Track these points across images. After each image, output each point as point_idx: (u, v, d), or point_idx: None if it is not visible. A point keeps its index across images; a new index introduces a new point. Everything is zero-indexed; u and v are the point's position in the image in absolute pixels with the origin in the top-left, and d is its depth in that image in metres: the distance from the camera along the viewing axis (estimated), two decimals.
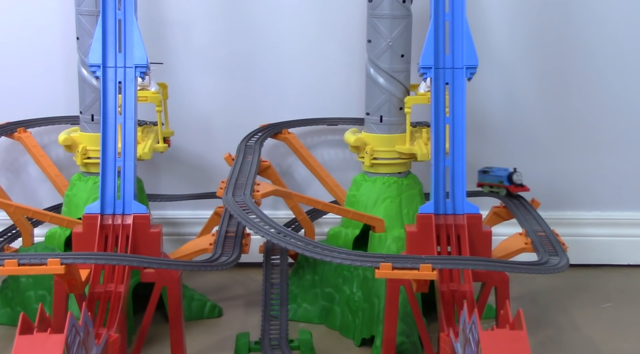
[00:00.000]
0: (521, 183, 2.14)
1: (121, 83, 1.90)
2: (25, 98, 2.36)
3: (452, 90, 1.92)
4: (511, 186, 2.14)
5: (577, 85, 2.41)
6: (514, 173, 2.14)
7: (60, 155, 2.37)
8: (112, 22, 1.91)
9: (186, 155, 2.42)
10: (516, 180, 2.13)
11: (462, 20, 1.91)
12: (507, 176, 2.14)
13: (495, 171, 2.18)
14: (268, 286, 1.99)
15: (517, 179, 2.13)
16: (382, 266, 1.69)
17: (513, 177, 2.13)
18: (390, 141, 2.11)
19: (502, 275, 1.84)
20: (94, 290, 1.76)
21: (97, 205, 1.88)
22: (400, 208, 2.10)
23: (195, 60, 2.36)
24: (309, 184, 2.43)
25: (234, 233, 2.00)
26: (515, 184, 2.13)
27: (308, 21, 2.36)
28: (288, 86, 2.39)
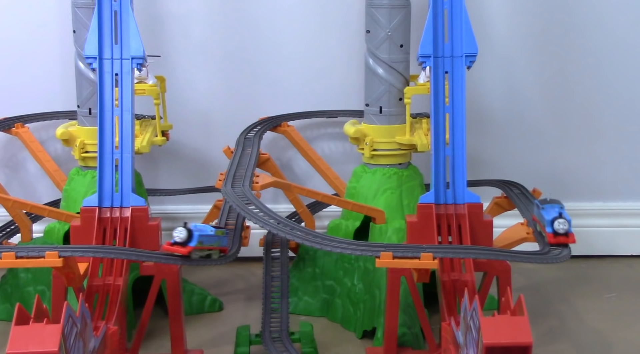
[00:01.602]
0: (565, 232, 1.72)
1: (118, 75, 1.89)
2: (22, 93, 2.35)
3: (451, 79, 1.91)
4: (550, 235, 1.73)
5: (578, 76, 2.40)
6: (558, 218, 1.72)
7: (59, 150, 2.36)
8: (108, 13, 1.90)
9: (185, 149, 2.41)
10: (558, 228, 1.72)
11: (461, 8, 1.90)
12: (551, 221, 1.73)
13: (547, 208, 1.79)
14: (268, 279, 1.98)
15: (559, 227, 1.72)
16: (382, 255, 1.68)
17: (554, 225, 1.72)
18: (390, 132, 2.10)
19: (503, 264, 1.82)
20: (93, 283, 1.75)
21: (95, 198, 1.87)
22: (400, 199, 2.09)
23: (193, 54, 2.35)
24: (309, 177, 2.42)
25: (233, 226, 1.99)
26: (556, 233, 1.73)
27: (306, 13, 2.35)
28: (287, 79, 2.38)
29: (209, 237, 1.74)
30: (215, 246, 1.77)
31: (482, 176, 2.35)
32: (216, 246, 1.77)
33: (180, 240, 1.71)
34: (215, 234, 1.77)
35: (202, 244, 1.73)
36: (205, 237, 1.73)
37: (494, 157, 2.42)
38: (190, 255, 1.72)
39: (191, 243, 1.71)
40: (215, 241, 1.77)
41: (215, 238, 1.76)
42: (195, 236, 1.71)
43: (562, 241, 1.73)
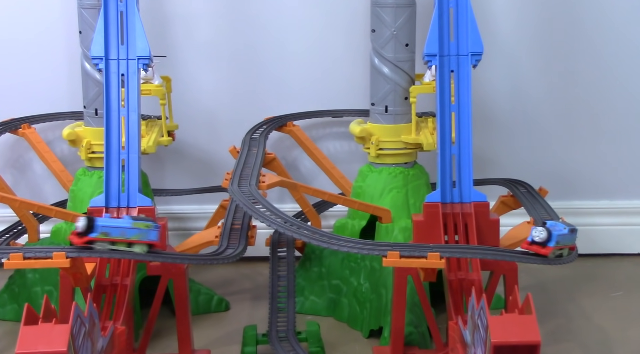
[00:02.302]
0: (542, 242, 1.67)
1: (124, 75, 1.89)
2: (28, 94, 2.35)
3: (457, 77, 1.91)
4: (527, 241, 1.71)
5: (584, 74, 2.39)
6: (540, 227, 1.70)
7: (65, 151, 2.36)
8: (114, 14, 1.90)
9: (191, 149, 2.41)
10: (534, 235, 1.69)
11: (467, 6, 1.90)
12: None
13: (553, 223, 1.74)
14: (275, 279, 1.99)
15: (535, 235, 1.69)
16: (389, 254, 1.68)
17: (532, 231, 1.70)
18: (395, 131, 2.10)
19: (510, 263, 1.82)
20: (100, 283, 1.76)
21: (101, 198, 1.88)
22: (406, 198, 2.09)
23: (199, 54, 2.36)
24: (314, 176, 2.42)
25: (239, 225, 1.99)
26: (532, 241, 1.69)
27: (311, 12, 2.35)
28: (292, 78, 2.38)
29: (120, 229, 1.63)
30: (134, 240, 1.65)
31: (488, 175, 2.34)
32: (136, 239, 1.65)
33: (80, 230, 1.60)
34: (134, 226, 1.66)
35: (108, 235, 1.63)
36: (114, 228, 1.63)
37: (499, 156, 2.42)
38: (94, 244, 1.61)
39: (92, 234, 1.61)
40: (135, 234, 1.66)
41: (133, 231, 1.65)
42: (98, 226, 1.61)
43: (535, 249, 1.70)
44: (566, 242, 1.73)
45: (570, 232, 1.74)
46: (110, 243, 1.64)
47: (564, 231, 1.71)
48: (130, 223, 1.65)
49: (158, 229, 1.69)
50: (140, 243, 1.67)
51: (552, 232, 1.69)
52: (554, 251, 1.71)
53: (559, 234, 1.70)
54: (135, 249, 1.66)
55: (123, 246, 1.65)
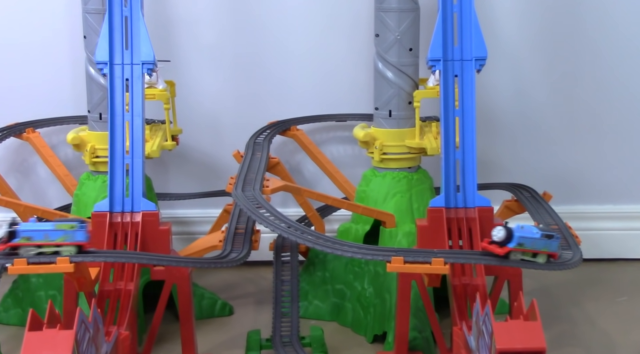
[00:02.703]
0: (499, 241, 1.66)
1: (128, 80, 1.89)
2: (33, 98, 2.36)
3: (461, 82, 1.91)
4: (486, 240, 1.70)
5: (587, 78, 2.39)
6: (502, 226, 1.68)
7: (69, 155, 2.37)
8: (119, 19, 1.90)
9: (195, 153, 2.41)
10: (493, 234, 1.68)
11: (471, 11, 1.90)
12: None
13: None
14: (279, 283, 1.99)
15: (493, 233, 1.68)
16: (393, 260, 1.67)
17: (493, 230, 1.69)
18: (399, 136, 2.10)
19: (514, 268, 1.82)
20: (104, 288, 1.76)
21: (105, 203, 1.88)
22: (410, 203, 2.09)
23: (202, 58, 2.36)
24: (318, 181, 2.42)
25: (243, 230, 1.99)
26: (492, 240, 1.68)
27: (315, 17, 2.35)
28: (296, 83, 2.38)
29: (43, 232, 1.59)
30: (60, 242, 1.60)
31: (491, 179, 2.34)
32: (62, 241, 1.61)
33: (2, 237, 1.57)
34: (57, 228, 1.61)
35: (31, 240, 1.59)
36: (36, 232, 1.59)
37: (503, 161, 2.42)
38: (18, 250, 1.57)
39: (15, 240, 1.57)
40: (60, 236, 1.61)
41: (58, 233, 1.60)
42: (19, 231, 1.58)
43: (491, 249, 1.68)
44: (536, 247, 1.68)
45: (545, 238, 1.69)
46: (37, 248, 1.60)
47: (534, 235, 1.67)
48: (53, 225, 1.61)
49: (84, 228, 1.63)
50: (68, 245, 1.62)
51: (514, 233, 1.65)
52: (514, 253, 1.66)
53: (522, 236, 1.65)
54: (63, 251, 1.62)
55: (51, 249, 1.61)
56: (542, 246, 1.69)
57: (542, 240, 1.69)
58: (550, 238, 1.70)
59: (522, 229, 1.67)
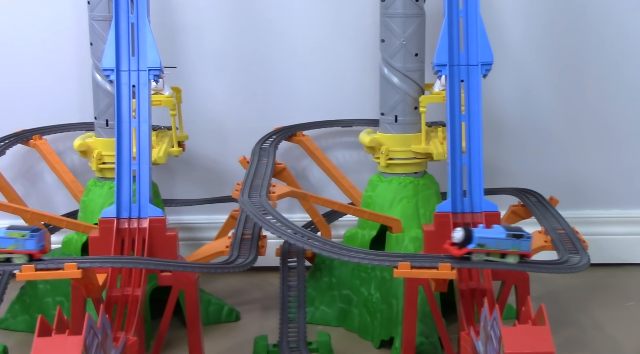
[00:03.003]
0: (457, 242, 1.66)
1: (135, 87, 1.90)
2: (39, 105, 2.37)
3: (467, 87, 1.91)
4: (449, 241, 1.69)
5: (594, 82, 2.39)
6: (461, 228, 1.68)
7: (76, 161, 2.37)
8: (125, 25, 1.91)
9: (201, 159, 2.42)
10: (452, 235, 1.68)
11: (476, 16, 1.90)
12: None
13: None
14: (285, 289, 1.98)
15: (453, 234, 1.68)
16: (400, 265, 1.67)
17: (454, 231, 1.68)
18: (405, 141, 2.10)
19: (521, 273, 1.82)
20: (112, 294, 1.76)
21: (112, 209, 1.88)
22: (417, 208, 2.09)
23: (208, 64, 2.37)
24: (324, 186, 2.42)
25: (250, 235, 1.99)
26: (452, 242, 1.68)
27: (320, 23, 2.35)
28: (301, 88, 2.38)
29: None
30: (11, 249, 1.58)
31: (498, 184, 2.34)
32: (13, 249, 1.58)
33: None
34: (8, 236, 1.58)
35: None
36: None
37: (509, 165, 2.42)
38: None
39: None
40: (11, 244, 1.59)
41: (7, 241, 1.58)
42: None
43: (451, 250, 1.67)
44: (502, 247, 1.65)
45: (512, 238, 1.66)
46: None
47: (499, 235, 1.65)
48: (5, 233, 1.59)
49: (36, 237, 1.61)
50: (19, 254, 1.60)
51: (473, 234, 1.63)
52: (477, 254, 1.64)
53: (483, 237, 1.63)
54: (15, 259, 1.60)
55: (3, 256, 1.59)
56: (510, 246, 1.66)
57: (509, 240, 1.66)
58: (519, 238, 1.66)
59: (486, 230, 1.65)
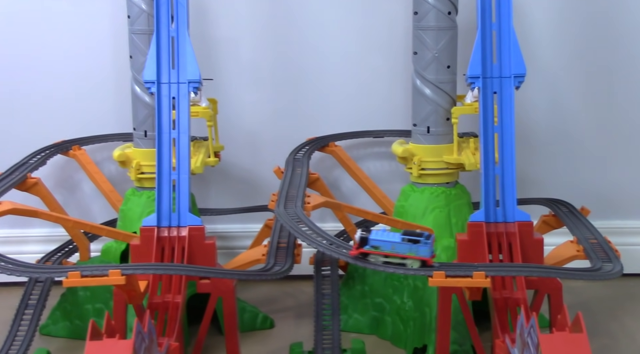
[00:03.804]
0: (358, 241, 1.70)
1: (175, 98, 1.95)
2: (78, 117, 2.41)
3: (500, 99, 1.93)
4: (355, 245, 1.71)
5: (623, 93, 2.40)
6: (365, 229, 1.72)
7: (113, 171, 2.42)
8: (166, 39, 1.96)
9: (235, 169, 2.46)
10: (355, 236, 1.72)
11: (509, 29, 1.93)
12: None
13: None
14: (319, 297, 2.01)
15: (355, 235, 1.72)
16: (435, 274, 1.70)
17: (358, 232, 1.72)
18: (437, 152, 2.13)
19: (555, 282, 1.84)
20: (153, 301, 1.80)
21: (153, 218, 1.92)
22: (449, 218, 2.11)
23: (242, 76, 2.41)
24: (355, 196, 2.45)
25: (285, 244, 2.03)
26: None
27: (352, 35, 2.39)
28: (333, 100, 2.42)
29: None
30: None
31: (529, 195, 2.36)
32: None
33: None
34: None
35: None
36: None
37: (541, 176, 2.43)
38: None
39: None
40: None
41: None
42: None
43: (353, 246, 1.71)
44: (398, 251, 1.68)
45: (407, 242, 1.68)
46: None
47: (393, 238, 1.67)
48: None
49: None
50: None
51: (368, 236, 1.67)
52: (374, 256, 1.67)
53: (378, 239, 1.66)
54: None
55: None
56: (407, 251, 1.68)
57: (405, 244, 1.68)
58: (415, 243, 1.68)
59: (383, 233, 1.68)
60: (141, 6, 2.09)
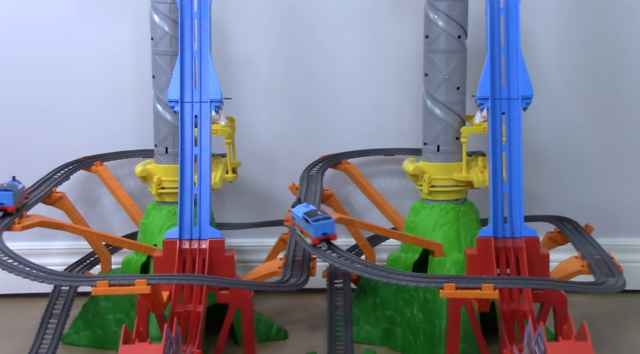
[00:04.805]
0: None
1: (197, 117, 2.03)
2: (100, 133, 2.47)
3: (508, 119, 2.01)
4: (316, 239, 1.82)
5: (628, 112, 2.45)
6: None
7: (132, 186, 2.49)
8: (189, 60, 2.04)
9: (250, 185, 2.53)
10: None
11: (517, 53, 2.01)
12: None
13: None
14: (332, 309, 2.08)
15: None
16: (446, 286, 1.76)
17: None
18: (447, 169, 2.20)
19: (560, 295, 1.90)
20: (175, 310, 1.87)
21: (175, 231, 2.00)
22: (458, 233, 2.18)
23: (258, 95, 2.47)
24: (367, 211, 2.51)
25: (301, 257, 2.10)
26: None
27: (365, 57, 2.46)
28: (346, 119, 2.48)
29: None
30: None
31: (535, 212, 2.42)
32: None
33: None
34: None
35: None
36: None
37: (547, 194, 2.49)
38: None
39: None
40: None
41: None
42: None
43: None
44: (301, 225, 1.83)
45: (304, 220, 1.82)
46: None
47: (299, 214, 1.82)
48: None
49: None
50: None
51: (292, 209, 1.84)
52: (292, 226, 1.85)
53: (295, 212, 1.83)
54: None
55: None
56: (305, 227, 1.80)
57: (303, 221, 1.81)
58: (307, 221, 1.79)
59: (304, 207, 1.84)
60: (164, 29, 2.18)
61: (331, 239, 1.83)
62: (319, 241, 1.81)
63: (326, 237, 1.82)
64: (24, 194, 2.03)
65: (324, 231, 1.82)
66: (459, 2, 2.14)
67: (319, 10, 2.44)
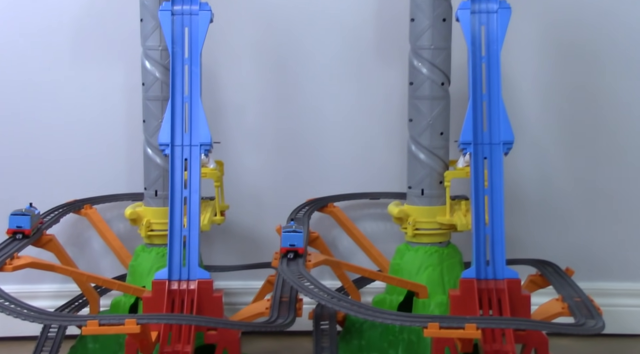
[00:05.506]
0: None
1: (187, 160, 2.07)
2: (90, 177, 2.51)
3: (490, 164, 2.07)
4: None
5: (607, 160, 2.52)
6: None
7: (121, 229, 2.52)
8: (180, 104, 2.10)
9: (238, 227, 2.56)
10: None
11: (499, 99, 2.08)
12: None
13: None
14: (318, 350, 2.10)
15: None
16: (429, 325, 1.80)
17: None
18: (431, 213, 2.24)
19: (541, 336, 1.94)
20: (163, 350, 1.89)
21: (164, 272, 2.03)
22: (442, 276, 2.22)
23: (247, 140, 2.52)
24: (352, 254, 2.54)
25: (287, 298, 2.12)
26: None
27: (351, 103, 2.52)
28: (332, 163, 2.53)
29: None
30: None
31: (517, 255, 2.46)
32: None
33: None
34: None
35: None
36: None
37: (528, 238, 2.53)
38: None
39: None
40: None
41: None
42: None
43: None
44: None
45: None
46: None
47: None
48: None
49: None
50: None
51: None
52: None
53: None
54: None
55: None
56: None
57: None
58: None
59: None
60: (155, 74, 2.23)
61: (299, 251, 1.96)
62: (286, 251, 1.95)
63: (294, 249, 1.94)
64: (39, 219, 2.19)
65: (291, 243, 1.96)
66: (442, 51, 2.21)
67: (306, 58, 2.51)
